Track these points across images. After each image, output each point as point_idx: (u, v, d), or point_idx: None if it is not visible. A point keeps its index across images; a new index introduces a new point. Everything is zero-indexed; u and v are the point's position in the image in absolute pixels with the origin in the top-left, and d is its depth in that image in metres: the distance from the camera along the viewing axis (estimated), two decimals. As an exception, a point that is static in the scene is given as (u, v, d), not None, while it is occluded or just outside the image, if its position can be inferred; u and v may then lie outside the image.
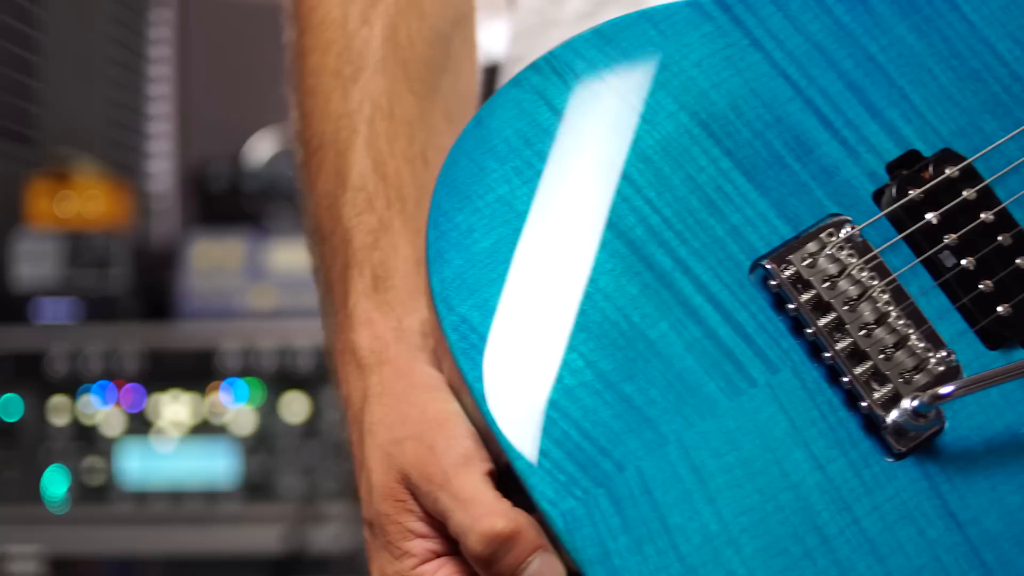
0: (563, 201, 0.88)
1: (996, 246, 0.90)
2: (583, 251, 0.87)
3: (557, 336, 0.85)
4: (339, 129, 0.97)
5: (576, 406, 0.83)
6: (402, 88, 0.99)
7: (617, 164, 0.89)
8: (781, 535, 0.82)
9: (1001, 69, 0.94)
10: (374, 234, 0.94)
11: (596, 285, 0.86)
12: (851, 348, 0.86)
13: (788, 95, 0.91)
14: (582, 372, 0.84)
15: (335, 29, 1.00)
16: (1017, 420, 0.87)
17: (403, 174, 0.96)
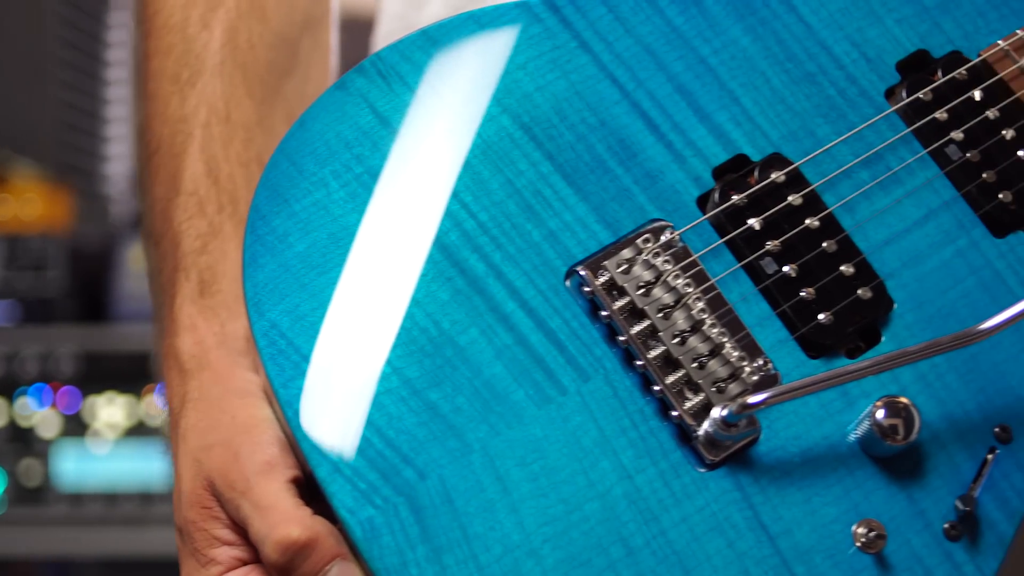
0: (379, 205, 0.86)
1: (820, 252, 0.88)
2: (395, 256, 0.85)
3: (364, 342, 0.83)
4: (175, 133, 0.97)
5: (380, 413, 0.82)
6: (240, 92, 0.98)
7: (436, 168, 0.87)
8: (585, 546, 0.81)
9: (837, 72, 0.93)
10: (203, 238, 0.93)
11: (406, 291, 0.85)
12: (664, 356, 0.84)
13: (615, 98, 0.90)
14: (388, 379, 0.83)
15: (176, 33, 0.99)
16: (836, 431, 0.85)
17: (237, 178, 0.95)
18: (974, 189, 0.91)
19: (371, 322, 0.84)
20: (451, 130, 0.88)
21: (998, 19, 0.95)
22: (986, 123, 0.92)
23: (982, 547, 0.84)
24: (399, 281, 0.85)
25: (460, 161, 0.87)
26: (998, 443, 0.86)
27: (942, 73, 0.93)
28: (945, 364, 0.87)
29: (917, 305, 0.88)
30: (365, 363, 0.83)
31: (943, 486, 0.85)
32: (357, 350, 0.83)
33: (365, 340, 0.83)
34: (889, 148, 0.91)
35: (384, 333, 0.84)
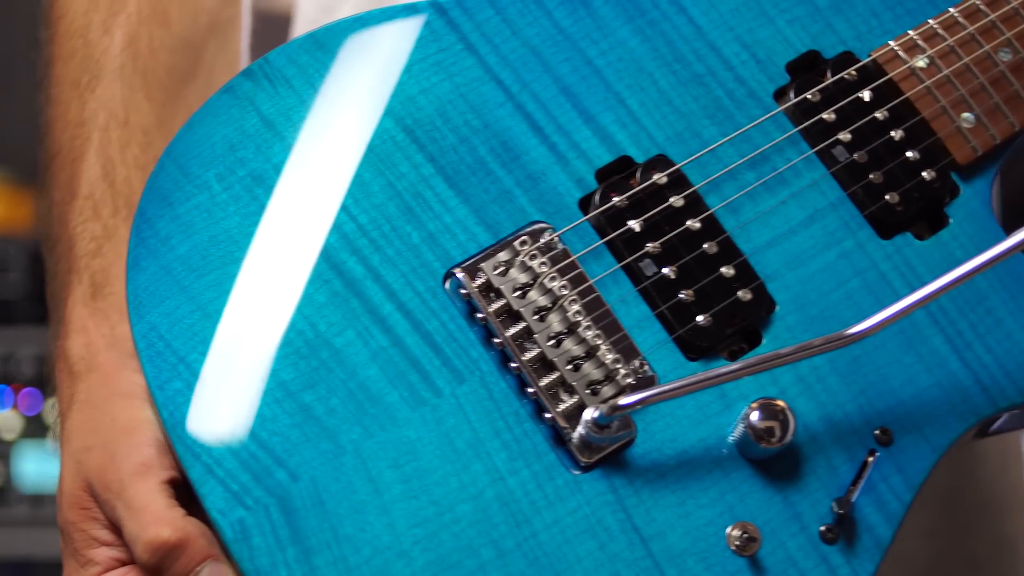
0: (260, 208, 0.87)
1: (700, 254, 0.87)
2: (275, 259, 0.85)
3: (240, 345, 0.84)
4: (74, 137, 0.97)
5: (254, 415, 0.82)
6: (140, 96, 0.98)
7: (318, 171, 0.88)
8: (455, 548, 0.81)
9: (726, 73, 0.92)
10: (97, 241, 0.94)
11: (284, 294, 0.85)
12: (539, 358, 0.84)
13: (499, 100, 0.90)
14: (261, 380, 0.83)
15: (77, 38, 1.00)
16: (713, 433, 0.85)
17: (134, 181, 0.95)
18: (860, 190, 0.90)
19: (248, 325, 0.84)
20: (334, 133, 0.88)
21: (892, 19, 0.95)
22: (874, 124, 0.92)
23: (859, 550, 0.84)
24: (277, 284, 0.85)
25: (342, 164, 0.88)
26: (878, 446, 0.86)
27: (831, 74, 0.93)
28: (827, 366, 0.86)
29: (800, 307, 0.88)
30: (241, 365, 0.83)
31: (820, 489, 0.84)
32: (233, 352, 0.83)
33: (241, 343, 0.84)
34: (776, 149, 0.91)
35: (260, 336, 0.84)
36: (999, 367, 0.88)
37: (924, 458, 0.86)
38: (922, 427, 0.86)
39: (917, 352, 0.88)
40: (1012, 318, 0.89)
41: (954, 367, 0.88)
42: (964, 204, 0.92)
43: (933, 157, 0.92)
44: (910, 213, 0.90)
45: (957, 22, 0.94)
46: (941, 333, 0.88)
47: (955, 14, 0.94)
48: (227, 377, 0.83)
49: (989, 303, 0.89)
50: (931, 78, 0.92)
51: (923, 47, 0.93)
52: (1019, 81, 0.93)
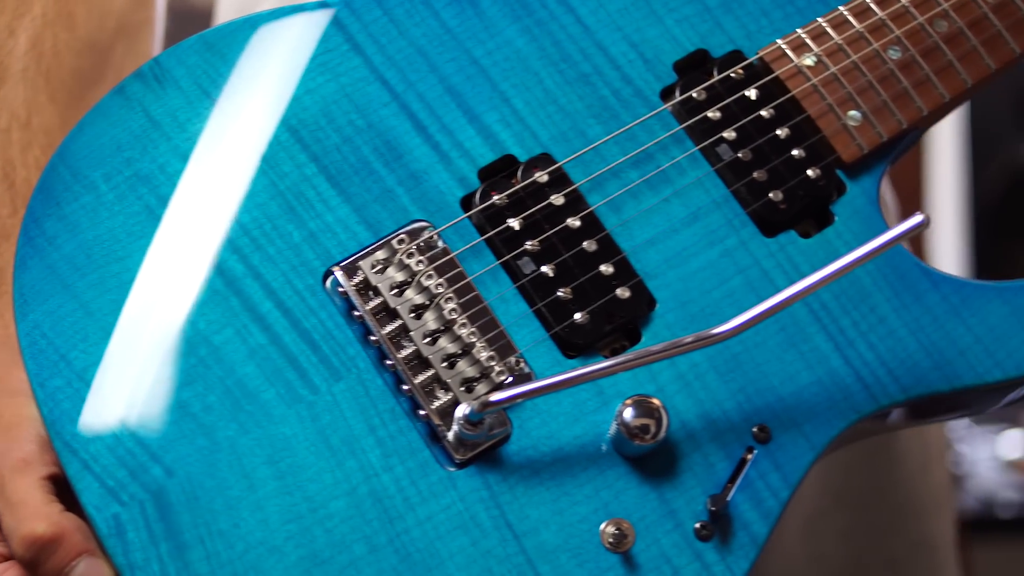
0: (144, 207, 0.87)
1: (579, 252, 0.88)
2: (156, 258, 0.86)
3: (120, 343, 0.84)
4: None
5: (132, 412, 0.83)
6: (43, 98, 0.99)
7: (203, 171, 0.88)
8: (328, 543, 0.81)
9: (613, 73, 0.93)
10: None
11: (165, 292, 0.85)
12: (414, 355, 0.85)
13: (384, 100, 0.90)
14: (140, 378, 0.84)
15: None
16: (589, 430, 0.85)
17: (34, 183, 0.96)
18: (743, 188, 0.90)
19: (128, 323, 0.85)
20: (220, 133, 0.89)
21: (782, 18, 0.95)
22: (759, 122, 0.92)
23: (734, 547, 0.84)
24: (158, 282, 0.86)
25: (227, 164, 0.88)
26: (756, 443, 0.86)
27: (718, 72, 0.93)
28: (706, 364, 0.87)
29: (680, 304, 0.88)
30: (120, 363, 0.84)
31: (697, 486, 0.85)
32: (113, 350, 0.84)
33: (122, 340, 0.84)
34: (660, 148, 0.91)
35: (140, 333, 0.85)
36: (881, 364, 0.88)
37: (802, 456, 0.86)
38: (801, 425, 0.86)
39: (799, 350, 0.88)
40: (896, 315, 0.89)
41: (836, 364, 0.87)
42: (850, 202, 0.91)
43: (818, 155, 0.92)
44: (794, 211, 0.90)
45: (846, 20, 0.94)
46: (823, 331, 0.88)
47: (844, 12, 0.94)
48: (107, 374, 0.84)
49: (873, 300, 0.89)
50: (818, 76, 0.92)
51: (811, 45, 0.93)
52: (908, 79, 0.93)
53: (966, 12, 0.95)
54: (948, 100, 0.93)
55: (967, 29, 0.94)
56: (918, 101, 0.93)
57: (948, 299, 0.90)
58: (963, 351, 0.88)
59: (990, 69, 0.94)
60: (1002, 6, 0.95)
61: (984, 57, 0.94)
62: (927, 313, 0.89)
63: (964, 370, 0.88)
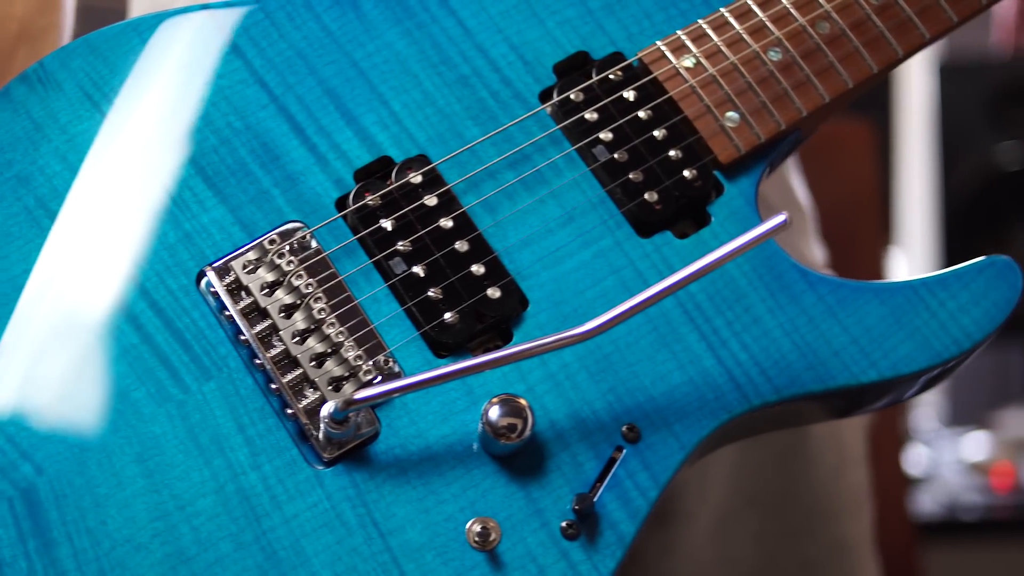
0: (23, 208, 0.88)
1: (450, 252, 0.88)
2: (33, 256, 0.87)
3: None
4: None
5: (2, 409, 0.84)
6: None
7: (82, 172, 0.89)
8: (193, 541, 0.82)
9: (492, 75, 0.93)
10: None
11: (40, 290, 0.86)
12: (283, 355, 0.85)
13: (262, 102, 0.91)
14: (10, 376, 0.85)
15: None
16: (458, 429, 0.85)
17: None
18: (619, 188, 0.91)
19: (2, 318, 0.86)
20: (101, 135, 0.90)
21: (664, 20, 0.95)
22: (637, 123, 0.92)
23: (600, 546, 0.84)
24: (34, 280, 0.86)
25: (106, 165, 0.89)
26: (625, 442, 0.86)
27: (596, 74, 0.93)
28: (576, 364, 0.87)
29: (553, 304, 0.88)
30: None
31: (565, 485, 0.85)
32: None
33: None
34: (537, 149, 0.91)
35: (13, 330, 0.85)
36: (754, 364, 0.88)
37: (672, 455, 0.86)
38: (672, 424, 0.86)
39: (671, 350, 0.88)
40: (770, 315, 0.89)
41: (708, 364, 0.88)
42: (727, 203, 0.92)
43: (695, 156, 0.92)
44: (669, 212, 0.90)
45: (727, 22, 0.94)
46: (697, 331, 0.88)
47: (726, 14, 0.94)
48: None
49: (748, 301, 0.89)
50: (696, 77, 0.93)
51: (690, 47, 0.93)
52: (787, 81, 0.93)
53: (849, 14, 0.95)
54: (828, 101, 0.93)
55: (849, 31, 0.94)
56: (797, 102, 0.93)
57: (824, 299, 0.90)
58: (838, 351, 0.89)
59: (872, 70, 0.94)
60: (885, 8, 0.95)
61: (866, 58, 0.94)
62: (803, 314, 0.89)
63: (838, 370, 0.88)
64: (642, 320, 0.88)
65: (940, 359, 0.89)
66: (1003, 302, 0.91)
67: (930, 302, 0.90)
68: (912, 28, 0.95)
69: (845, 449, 1.25)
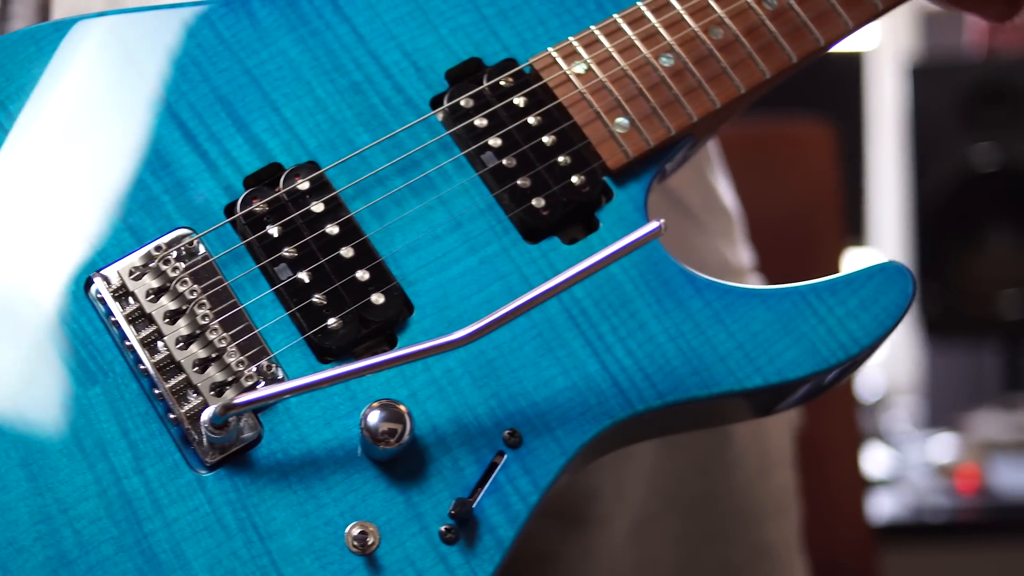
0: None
1: (335, 258, 0.89)
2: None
3: None
4: None
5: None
6: None
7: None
8: (75, 544, 0.82)
9: (384, 82, 0.94)
10: None
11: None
12: (166, 360, 0.86)
13: (156, 110, 0.92)
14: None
15: None
16: (341, 434, 0.86)
17: None
18: (506, 194, 0.91)
19: None
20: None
21: (559, 27, 0.96)
22: (526, 129, 0.92)
23: (479, 550, 0.84)
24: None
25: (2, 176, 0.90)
26: (507, 447, 0.86)
27: (487, 80, 0.94)
28: (460, 369, 0.88)
29: (438, 310, 0.89)
30: None
31: (445, 490, 0.86)
32: None
33: None
34: (427, 155, 0.92)
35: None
36: (639, 370, 0.88)
37: (553, 460, 0.87)
38: (554, 429, 0.87)
39: (555, 355, 0.88)
40: (656, 321, 0.89)
41: (592, 370, 0.88)
42: (616, 208, 0.92)
43: (583, 162, 0.92)
44: (556, 217, 0.91)
45: (619, 28, 0.94)
46: (581, 336, 0.89)
47: (618, 20, 0.95)
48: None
49: (634, 306, 0.90)
50: (586, 84, 0.93)
51: (581, 53, 0.94)
52: (678, 87, 0.93)
53: (743, 20, 0.95)
54: (720, 107, 0.93)
55: (742, 36, 0.95)
56: (688, 108, 0.93)
57: (711, 305, 0.90)
58: (723, 357, 0.89)
59: (764, 76, 0.94)
60: (780, 13, 0.95)
61: (758, 64, 0.94)
62: (689, 319, 0.90)
63: (723, 376, 0.89)
64: (527, 326, 0.89)
65: (827, 364, 0.89)
66: (893, 307, 0.91)
67: (818, 308, 0.90)
68: (806, 34, 0.95)
69: (770, 451, 1.25)
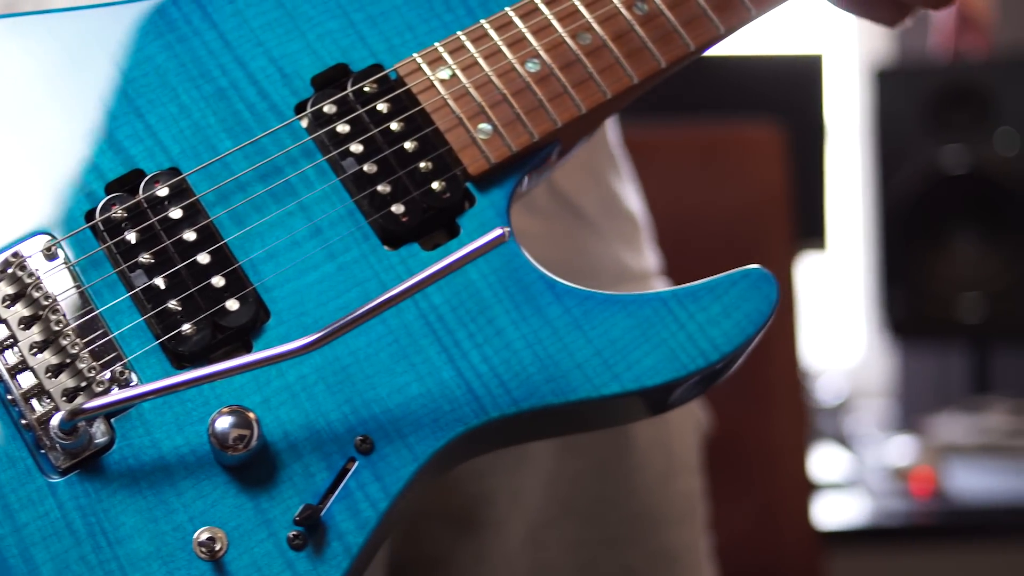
0: None
1: (191, 264, 0.89)
2: None
3: None
4: None
5: None
6: None
7: None
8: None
9: (249, 88, 0.94)
10: None
11: None
12: (19, 366, 0.86)
13: (25, 114, 0.93)
14: None
15: None
16: (192, 440, 0.86)
17: None
18: (366, 200, 0.91)
19: None
20: None
21: (427, 32, 0.96)
22: (388, 135, 0.92)
23: (327, 556, 0.84)
24: None
25: None
26: (358, 454, 0.86)
27: (352, 85, 0.94)
28: (314, 375, 0.88)
29: (296, 316, 0.89)
30: None
31: (295, 496, 0.86)
32: None
33: None
34: (290, 161, 0.92)
35: None
36: (494, 377, 0.88)
37: (405, 467, 0.86)
38: (406, 436, 0.87)
39: (410, 362, 0.88)
40: (514, 327, 0.89)
41: (446, 376, 0.88)
42: (478, 214, 0.92)
43: (445, 167, 0.92)
44: (415, 223, 0.91)
45: (486, 34, 0.94)
46: (438, 343, 0.89)
47: (485, 26, 0.95)
48: None
49: (492, 313, 0.89)
50: (450, 89, 0.93)
51: (447, 59, 0.94)
52: (543, 92, 0.93)
53: (612, 25, 0.95)
54: (585, 112, 0.93)
55: (611, 42, 0.94)
56: (552, 114, 0.93)
57: (570, 311, 0.90)
58: (580, 364, 0.89)
59: (632, 81, 0.94)
60: (650, 19, 0.95)
61: (626, 69, 0.94)
62: (547, 326, 0.89)
63: (580, 383, 0.88)
64: (383, 332, 0.89)
65: (686, 371, 0.89)
66: (755, 314, 0.90)
67: (679, 314, 0.90)
68: (676, 39, 0.95)
69: (674, 456, 1.25)
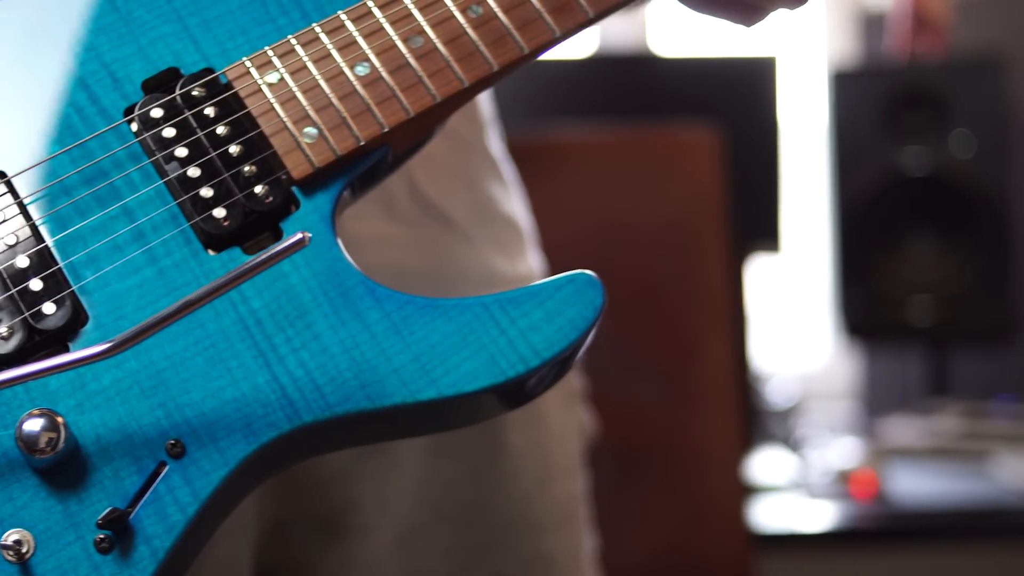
0: None
1: (9, 267, 0.89)
2: None
3: None
4: None
5: None
6: None
7: None
8: None
9: (80, 93, 0.94)
10: None
11: None
12: None
13: None
14: None
15: None
16: (5, 443, 0.86)
17: None
18: (189, 203, 0.91)
19: None
20: None
21: (260, 36, 0.95)
22: (213, 138, 0.92)
23: (134, 560, 0.85)
24: None
25: None
26: (169, 458, 0.86)
27: (180, 89, 0.94)
28: (129, 379, 0.88)
29: (114, 320, 0.89)
30: None
31: (104, 500, 0.86)
32: None
33: None
34: (115, 165, 0.92)
35: None
36: (310, 381, 0.88)
37: (215, 471, 0.86)
38: (218, 440, 0.87)
39: (226, 366, 0.88)
40: (331, 332, 0.89)
41: (261, 381, 0.88)
42: (302, 218, 0.91)
43: (269, 171, 0.92)
44: (236, 226, 0.90)
45: (317, 37, 0.94)
46: (254, 347, 0.89)
47: (316, 29, 0.94)
48: None
49: (310, 317, 0.89)
50: (277, 93, 0.93)
51: (276, 63, 0.93)
52: (371, 96, 0.92)
53: (445, 28, 0.94)
54: (413, 116, 0.92)
55: (442, 45, 0.94)
56: (379, 117, 0.92)
57: (390, 316, 0.89)
58: (398, 369, 0.88)
59: (462, 84, 0.93)
60: (484, 22, 0.94)
61: (457, 73, 0.93)
62: (365, 330, 0.89)
63: (395, 388, 0.88)
64: (201, 336, 0.89)
65: (505, 377, 0.88)
66: (579, 319, 0.90)
67: (500, 319, 0.89)
68: (509, 42, 0.94)
69: (551, 462, 1.24)
